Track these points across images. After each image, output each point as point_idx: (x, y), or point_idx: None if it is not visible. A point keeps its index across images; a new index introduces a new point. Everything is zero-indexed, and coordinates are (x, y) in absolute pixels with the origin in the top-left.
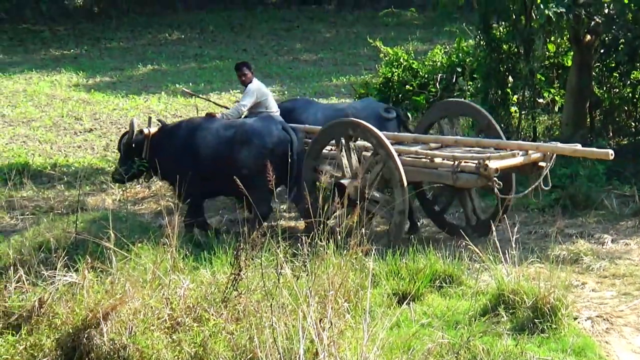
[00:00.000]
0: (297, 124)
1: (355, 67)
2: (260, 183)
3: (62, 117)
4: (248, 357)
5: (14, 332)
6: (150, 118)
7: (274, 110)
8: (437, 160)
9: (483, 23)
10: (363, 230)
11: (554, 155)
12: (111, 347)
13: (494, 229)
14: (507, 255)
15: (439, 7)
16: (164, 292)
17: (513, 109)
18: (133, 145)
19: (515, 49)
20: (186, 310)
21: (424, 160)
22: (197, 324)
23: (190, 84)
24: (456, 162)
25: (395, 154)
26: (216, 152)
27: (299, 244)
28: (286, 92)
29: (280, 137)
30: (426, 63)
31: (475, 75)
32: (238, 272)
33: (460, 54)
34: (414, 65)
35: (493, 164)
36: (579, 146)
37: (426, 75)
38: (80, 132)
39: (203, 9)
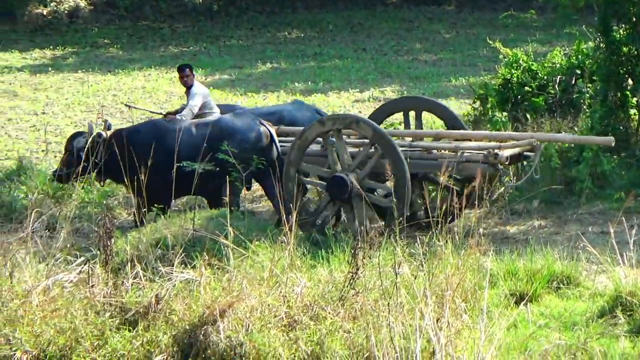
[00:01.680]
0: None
1: (474, 68)
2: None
3: None
4: (365, 356)
5: (130, 328)
6: (106, 121)
7: (216, 110)
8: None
9: (603, 25)
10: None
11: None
12: (228, 344)
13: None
14: (624, 257)
15: (559, 10)
16: (281, 290)
17: (632, 111)
18: (87, 148)
19: (635, 52)
20: (303, 308)
21: (423, 152)
22: (314, 322)
23: (309, 82)
24: (459, 153)
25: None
26: (194, 151)
27: (416, 244)
28: (405, 92)
29: (261, 131)
30: (545, 65)
31: (594, 78)
32: (356, 271)
33: (580, 56)
34: (533, 67)
35: (504, 153)
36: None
37: (545, 77)
38: None
39: (323, 8)
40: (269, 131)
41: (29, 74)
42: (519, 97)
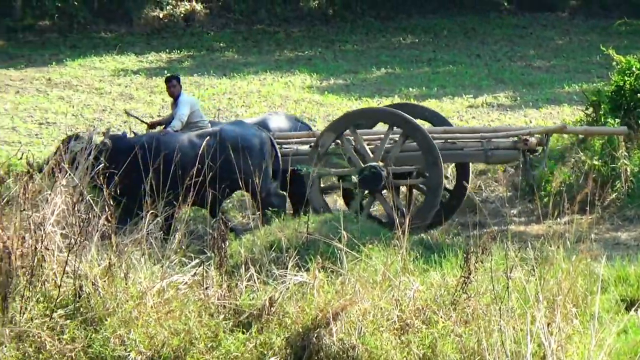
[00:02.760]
0: None
1: (587, 75)
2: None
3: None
4: None
5: (244, 330)
6: (108, 130)
7: (205, 119)
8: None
9: None
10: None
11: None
12: (340, 347)
13: None
14: None
15: None
16: (393, 294)
17: None
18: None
19: None
20: (415, 312)
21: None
22: (426, 326)
23: (423, 88)
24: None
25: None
26: (195, 161)
27: (528, 248)
28: (518, 98)
29: (262, 137)
30: None
31: None
32: (468, 275)
33: None
34: None
35: (533, 139)
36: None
37: None
38: None
39: (437, 14)
40: (271, 138)
41: (145, 77)
42: (632, 104)
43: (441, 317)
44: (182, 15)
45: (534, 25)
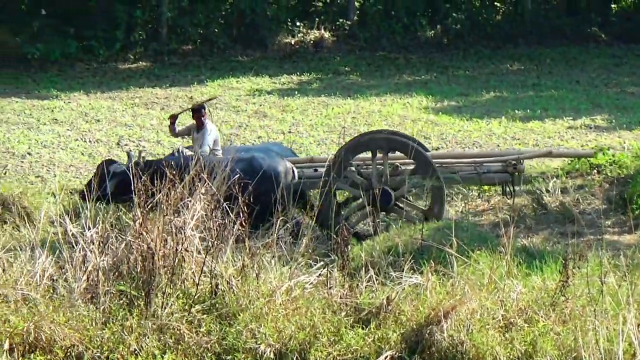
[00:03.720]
0: None
1: None
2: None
3: (412, 136)
4: (572, 356)
5: (363, 326)
6: (140, 152)
7: (220, 148)
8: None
9: None
10: None
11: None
12: (450, 342)
13: None
14: None
15: None
16: (498, 295)
17: None
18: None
19: None
20: (518, 312)
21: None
22: (528, 324)
23: (528, 110)
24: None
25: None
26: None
27: (620, 256)
28: (613, 121)
29: (288, 167)
30: None
31: None
32: (566, 279)
33: None
34: None
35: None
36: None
37: None
38: (428, 150)
39: (541, 44)
40: (293, 167)
41: (277, 97)
42: None
43: (541, 317)
44: (311, 42)
45: (628, 55)
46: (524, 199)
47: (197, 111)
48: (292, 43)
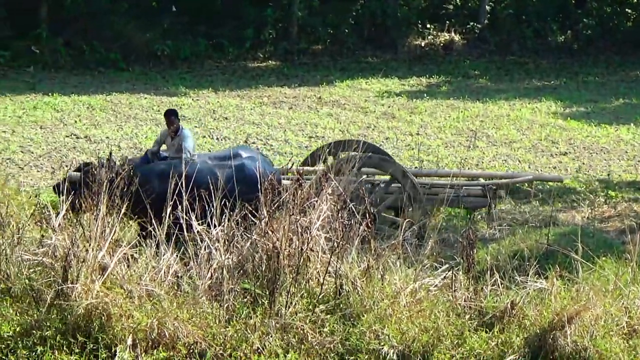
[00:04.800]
0: None
1: None
2: None
3: (540, 140)
4: None
5: (487, 330)
6: (126, 158)
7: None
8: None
9: None
10: None
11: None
12: (573, 348)
13: None
14: None
15: None
16: (623, 302)
17: None
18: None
19: None
20: None
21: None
22: None
23: None
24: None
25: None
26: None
27: None
28: None
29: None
30: None
31: None
32: None
33: None
34: None
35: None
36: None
37: None
38: (556, 155)
39: None
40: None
41: (406, 99)
42: None
43: None
44: (441, 44)
45: None
46: None
47: (169, 116)
48: (422, 45)
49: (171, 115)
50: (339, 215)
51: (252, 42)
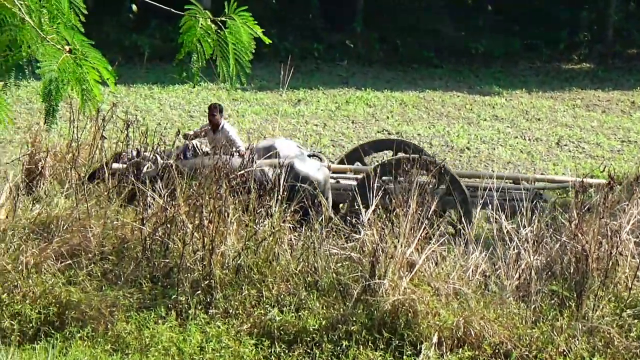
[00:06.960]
0: None
1: None
2: None
3: None
4: None
5: None
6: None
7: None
8: None
9: None
10: None
11: None
12: None
13: None
14: None
15: None
16: None
17: None
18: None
19: None
20: None
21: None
22: None
23: None
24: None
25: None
26: None
27: None
28: None
29: (327, 172)
30: None
31: None
32: None
33: None
34: None
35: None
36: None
37: None
38: None
39: None
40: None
41: None
42: None
43: None
44: None
45: None
46: None
47: (216, 109)
48: None
49: (215, 110)
50: None
51: (566, 44)
